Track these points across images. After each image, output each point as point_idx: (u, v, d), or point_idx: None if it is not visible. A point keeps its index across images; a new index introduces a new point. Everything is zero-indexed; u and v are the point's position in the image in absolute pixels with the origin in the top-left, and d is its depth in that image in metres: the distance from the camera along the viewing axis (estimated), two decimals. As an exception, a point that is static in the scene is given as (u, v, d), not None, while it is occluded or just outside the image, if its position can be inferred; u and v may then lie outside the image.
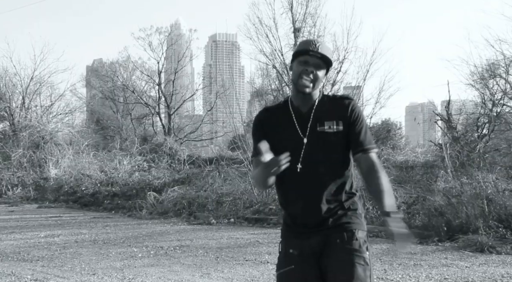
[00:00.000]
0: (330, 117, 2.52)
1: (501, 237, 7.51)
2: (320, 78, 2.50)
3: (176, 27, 46.56)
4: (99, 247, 8.21)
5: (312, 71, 2.45)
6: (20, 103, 24.43)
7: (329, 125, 2.50)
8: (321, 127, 2.50)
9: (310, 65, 2.46)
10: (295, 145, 2.49)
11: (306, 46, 2.49)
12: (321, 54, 2.46)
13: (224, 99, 29.12)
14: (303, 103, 2.56)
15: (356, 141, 2.51)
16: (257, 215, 10.76)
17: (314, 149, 2.48)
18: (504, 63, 14.95)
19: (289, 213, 2.60)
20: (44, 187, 17.11)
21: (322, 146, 2.48)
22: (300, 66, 2.48)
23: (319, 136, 2.49)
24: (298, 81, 2.48)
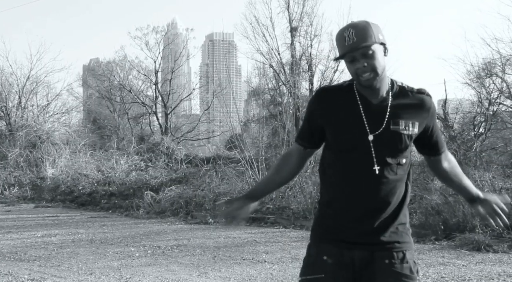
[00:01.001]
0: (407, 115, 2.20)
1: (498, 235, 7.53)
2: (379, 63, 2.12)
3: (173, 26, 46.58)
4: (96, 247, 8.20)
5: (364, 64, 2.11)
6: (17, 103, 24.36)
7: (405, 125, 2.18)
8: (395, 127, 2.17)
9: (359, 59, 2.12)
10: (361, 143, 2.18)
11: (341, 42, 2.14)
12: (360, 46, 2.10)
13: (221, 98, 29.10)
14: (372, 94, 2.22)
15: (436, 145, 2.33)
16: (254, 214, 10.75)
17: (383, 150, 2.17)
18: (501, 62, 15.01)
19: (335, 218, 2.26)
20: (41, 186, 17.06)
21: (393, 148, 2.18)
22: (351, 66, 2.16)
23: (391, 136, 2.17)
24: (359, 80, 2.17)
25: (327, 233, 2.29)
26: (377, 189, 2.16)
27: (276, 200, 11.11)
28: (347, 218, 2.22)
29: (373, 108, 2.20)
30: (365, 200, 2.18)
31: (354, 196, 2.19)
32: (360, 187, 2.18)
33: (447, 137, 13.46)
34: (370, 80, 2.13)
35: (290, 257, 7.14)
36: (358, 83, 2.19)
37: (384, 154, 2.17)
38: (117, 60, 33.18)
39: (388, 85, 2.23)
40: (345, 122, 2.21)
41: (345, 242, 2.21)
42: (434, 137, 2.31)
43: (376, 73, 2.12)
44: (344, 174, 2.21)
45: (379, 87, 2.19)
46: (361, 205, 2.18)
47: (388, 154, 2.17)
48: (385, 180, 2.16)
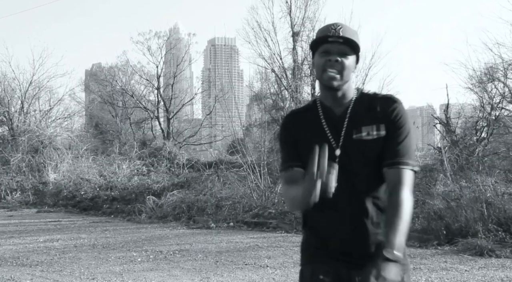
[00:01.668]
0: (369, 120, 2.04)
1: (501, 240, 7.51)
2: (348, 67, 2.02)
3: (175, 31, 46.69)
4: (98, 252, 8.20)
5: (337, 59, 1.99)
6: (19, 108, 24.42)
7: (368, 131, 2.03)
8: (358, 135, 2.03)
9: (333, 53, 2.00)
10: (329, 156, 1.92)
11: (324, 32, 2.03)
12: (344, 38, 2.00)
13: (223, 103, 29.15)
14: (335, 103, 2.09)
15: (391, 150, 2.02)
16: (257, 219, 10.76)
17: (350, 162, 2.02)
18: (503, 67, 14.98)
19: (323, 237, 2.11)
20: (43, 191, 17.09)
21: (360, 158, 2.02)
22: (321, 58, 2.02)
23: (356, 146, 2.03)
24: (322, 75, 2.02)
25: (318, 253, 2.13)
26: (352, 203, 2.01)
27: (278, 204, 11.11)
28: (334, 240, 2.07)
29: (336, 119, 2.08)
30: (344, 215, 2.03)
31: (326, 217, 2.06)
32: (325, 207, 1.98)
33: (449, 142, 13.46)
34: (333, 78, 2.00)
35: (292, 262, 7.13)
36: (321, 81, 2.06)
37: (352, 166, 2.01)
38: (119, 65, 33.26)
39: (354, 95, 2.12)
40: (311, 140, 1.99)
41: (340, 261, 2.06)
42: (394, 141, 2.02)
43: (342, 74, 2.01)
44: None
45: (342, 95, 2.07)
46: (342, 222, 2.04)
47: (357, 165, 2.02)
48: (348, 196, 2.00)
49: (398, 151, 2.00)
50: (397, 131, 2.02)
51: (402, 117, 2.04)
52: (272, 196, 11.59)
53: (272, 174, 12.49)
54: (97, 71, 39.02)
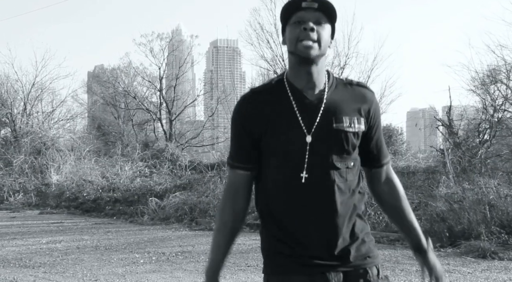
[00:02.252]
0: (350, 110, 1.83)
1: (504, 242, 7.50)
2: (325, 38, 1.78)
3: (177, 33, 46.75)
4: (101, 253, 8.21)
5: (312, 28, 1.74)
6: (22, 109, 24.48)
7: (350, 122, 1.81)
8: (339, 124, 1.80)
9: (308, 22, 1.75)
10: (296, 143, 1.79)
11: (296, 4, 1.77)
12: (320, 2, 1.76)
13: (225, 105, 29.21)
14: (308, 84, 1.82)
15: (378, 152, 1.93)
16: (259, 221, 10.75)
17: (324, 152, 1.79)
18: (505, 69, 15.00)
19: (291, 239, 1.85)
20: (45, 193, 17.11)
21: (337, 149, 1.80)
22: (295, 28, 1.77)
23: (334, 136, 1.80)
24: (297, 45, 1.76)
25: (288, 260, 1.85)
26: (314, 201, 1.79)
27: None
28: (302, 241, 1.82)
29: (309, 103, 1.81)
30: (311, 217, 1.80)
31: (295, 213, 1.82)
32: (294, 202, 1.81)
33: (451, 144, 13.45)
34: (309, 47, 1.74)
35: (294, 264, 7.12)
36: (295, 53, 1.79)
37: (328, 157, 1.79)
38: (122, 67, 33.34)
39: (325, 77, 1.86)
40: (279, 124, 1.81)
41: (312, 266, 1.82)
42: (377, 141, 1.92)
43: (320, 45, 1.76)
44: (275, 185, 1.85)
45: (317, 74, 1.82)
46: (309, 224, 1.81)
47: (333, 156, 1.79)
48: (322, 189, 1.79)
49: (383, 151, 1.96)
50: (378, 128, 1.92)
51: (378, 110, 1.93)
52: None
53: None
54: (100, 73, 39.11)
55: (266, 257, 1.98)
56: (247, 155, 1.89)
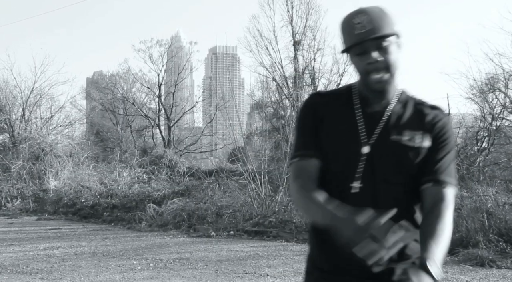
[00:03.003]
0: (414, 125, 1.77)
1: (502, 251, 7.50)
2: (393, 59, 1.71)
3: (177, 39, 46.82)
4: (99, 260, 8.19)
5: (377, 60, 1.69)
6: (20, 115, 24.47)
7: (411, 136, 1.74)
8: (397, 137, 1.74)
9: (371, 52, 1.69)
10: (352, 155, 1.75)
11: (350, 31, 1.71)
12: (372, 31, 1.67)
13: (224, 111, 29.20)
14: (375, 96, 1.80)
15: (435, 165, 1.75)
16: (257, 228, 10.75)
17: (380, 164, 1.73)
18: (504, 77, 15.04)
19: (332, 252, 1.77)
20: (43, 199, 17.08)
21: (393, 163, 1.73)
22: (360, 61, 1.72)
23: (392, 148, 1.73)
24: (367, 79, 1.74)
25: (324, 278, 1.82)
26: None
27: (278, 213, 11.10)
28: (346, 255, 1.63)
29: (373, 113, 1.79)
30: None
31: None
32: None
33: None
34: (382, 82, 1.72)
35: (292, 271, 7.11)
36: (366, 84, 1.77)
37: (382, 170, 1.72)
38: (121, 73, 33.37)
39: (397, 92, 1.83)
40: (338, 130, 1.79)
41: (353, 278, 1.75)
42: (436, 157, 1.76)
43: (390, 72, 1.72)
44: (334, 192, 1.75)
45: (387, 90, 1.78)
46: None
47: (390, 170, 1.73)
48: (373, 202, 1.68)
49: (442, 167, 1.76)
50: (442, 146, 1.78)
51: (449, 132, 1.82)
52: (273, 205, 11.57)
53: (272, 183, 12.49)
54: (99, 79, 39.12)
55: (306, 272, 1.93)
56: (314, 143, 1.82)
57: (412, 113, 1.80)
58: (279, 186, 12.13)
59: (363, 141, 1.75)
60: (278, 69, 23.16)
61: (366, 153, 1.73)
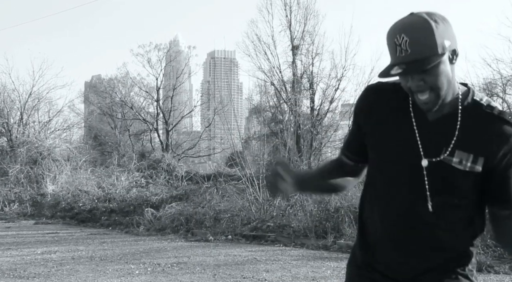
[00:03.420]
0: (468, 145, 1.62)
1: (499, 256, 7.50)
2: (442, 82, 1.56)
3: (175, 44, 46.87)
4: (96, 264, 8.17)
5: (420, 82, 1.56)
6: (18, 119, 24.46)
7: (461, 158, 1.62)
8: (448, 158, 1.62)
9: (410, 77, 1.58)
10: (410, 164, 1.67)
11: (392, 50, 1.59)
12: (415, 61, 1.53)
13: (222, 116, 29.19)
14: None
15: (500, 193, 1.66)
16: (255, 232, 10.73)
17: (429, 181, 1.65)
18: (501, 83, 15.08)
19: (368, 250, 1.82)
20: (41, 203, 17.04)
21: (439, 183, 1.64)
22: (402, 80, 1.63)
23: (440, 167, 1.64)
24: (414, 98, 1.63)
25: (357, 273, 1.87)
26: (424, 230, 1.68)
27: (276, 218, 11.09)
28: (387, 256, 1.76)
29: (430, 126, 1.66)
30: (406, 240, 1.70)
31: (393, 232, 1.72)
32: (403, 225, 1.70)
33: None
34: (429, 104, 1.59)
35: (290, 275, 7.10)
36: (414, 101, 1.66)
37: (437, 188, 1.64)
38: (119, 77, 33.40)
39: (457, 95, 1.66)
40: (394, 137, 1.70)
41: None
42: (500, 182, 1.64)
43: (437, 94, 1.58)
44: (387, 203, 1.73)
45: (442, 104, 1.63)
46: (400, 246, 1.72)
47: (441, 189, 1.64)
48: (436, 221, 1.67)
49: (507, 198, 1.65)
50: (507, 171, 1.62)
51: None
52: (271, 209, 11.57)
53: (270, 187, 12.45)
54: (97, 83, 39.16)
55: (347, 262, 1.96)
56: (354, 146, 1.85)
57: (473, 129, 1.63)
58: (277, 190, 12.10)
59: (422, 152, 1.65)
60: (277, 74, 23.19)
61: (425, 166, 1.64)
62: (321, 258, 8.42)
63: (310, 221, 10.21)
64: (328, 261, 8.07)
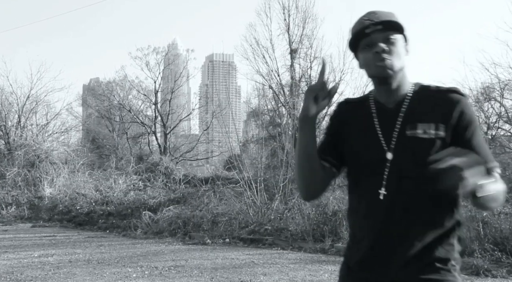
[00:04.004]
0: (427, 117, 1.79)
1: (497, 260, 7.50)
2: (398, 52, 1.79)
3: (173, 47, 46.87)
4: (93, 267, 8.15)
5: (383, 49, 1.76)
6: (16, 122, 24.44)
7: (424, 129, 1.77)
8: (412, 131, 1.78)
9: (377, 43, 1.78)
10: (376, 159, 1.81)
11: (358, 26, 1.81)
12: (383, 22, 1.78)
13: (220, 119, 29.21)
14: (389, 98, 1.86)
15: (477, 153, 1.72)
16: (252, 235, 10.72)
17: (401, 166, 1.77)
18: (499, 87, 15.11)
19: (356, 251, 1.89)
20: (38, 206, 17.02)
21: (413, 161, 1.75)
22: (366, 53, 1.81)
23: (408, 145, 1.77)
24: (372, 70, 1.81)
25: (350, 273, 1.91)
26: (386, 219, 1.77)
27: (274, 221, 11.09)
28: (366, 251, 1.84)
29: (388, 115, 1.84)
30: (382, 230, 1.79)
31: (365, 228, 1.84)
32: (367, 217, 1.82)
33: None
34: (384, 67, 1.77)
35: (288, 279, 7.09)
36: (374, 75, 1.83)
37: (406, 171, 1.76)
38: (117, 80, 33.42)
39: (411, 87, 1.87)
40: (360, 138, 1.87)
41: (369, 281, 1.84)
42: (469, 145, 1.75)
43: (393, 62, 1.78)
44: (359, 200, 1.88)
45: (397, 87, 1.84)
46: (379, 236, 1.80)
47: (411, 169, 1.74)
48: (398, 207, 1.76)
49: (483, 153, 1.76)
50: (468, 131, 1.78)
51: (469, 114, 1.80)
52: (269, 213, 11.56)
53: (268, 190, 12.48)
54: (95, 86, 39.17)
55: (341, 269, 2.00)
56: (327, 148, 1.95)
57: (426, 104, 1.82)
58: (275, 193, 12.12)
59: (384, 147, 1.81)
60: (275, 77, 23.22)
61: (391, 159, 1.79)
62: (318, 261, 8.41)
63: (308, 225, 10.21)
64: (326, 265, 8.06)
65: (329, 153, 1.94)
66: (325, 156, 1.93)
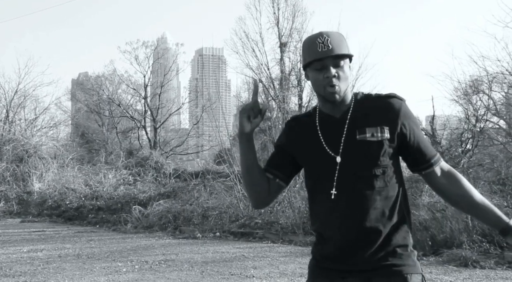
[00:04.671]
0: (373, 122, 1.99)
1: (485, 251, 7.56)
2: (346, 76, 2.00)
3: (163, 41, 46.67)
4: (83, 262, 8.13)
5: (334, 75, 1.96)
6: (4, 117, 24.26)
7: (372, 132, 1.98)
8: (362, 136, 1.98)
9: (329, 68, 1.97)
10: (326, 165, 2.01)
11: (312, 48, 1.99)
12: (337, 56, 1.98)
13: (210, 113, 29.20)
14: (334, 109, 2.06)
15: (418, 155, 2.05)
16: (243, 229, 10.74)
17: (352, 167, 1.97)
18: (487, 80, 15.16)
19: (322, 247, 2.07)
20: (27, 201, 16.92)
21: (364, 161, 1.97)
22: (317, 74, 1.99)
23: (359, 148, 1.98)
24: (323, 91, 2.00)
25: (318, 264, 2.09)
26: (341, 214, 1.97)
27: (264, 214, 11.10)
28: (328, 250, 2.03)
29: (336, 123, 2.04)
30: (336, 229, 1.98)
31: (325, 225, 2.04)
32: (325, 216, 2.02)
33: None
34: (334, 93, 1.97)
35: (278, 272, 7.11)
36: (323, 96, 2.03)
37: (355, 171, 1.97)
38: (107, 74, 33.25)
39: (352, 98, 2.08)
40: (308, 150, 2.08)
41: (335, 271, 2.01)
42: (417, 144, 2.03)
43: (344, 85, 1.99)
44: (316, 203, 2.09)
45: (342, 101, 2.03)
46: (335, 235, 1.99)
47: (361, 169, 1.96)
48: (349, 203, 1.96)
49: (427, 152, 2.05)
50: (412, 132, 2.03)
51: (409, 116, 2.04)
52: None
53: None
54: (84, 80, 38.91)
55: (310, 261, 2.19)
56: (277, 163, 2.18)
57: (371, 111, 2.02)
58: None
59: (331, 153, 2.02)
60: (265, 71, 23.17)
61: (339, 162, 2.00)
62: (309, 254, 8.40)
63: (298, 218, 10.23)
64: (316, 258, 8.08)
65: (275, 166, 2.17)
66: (270, 169, 2.17)
